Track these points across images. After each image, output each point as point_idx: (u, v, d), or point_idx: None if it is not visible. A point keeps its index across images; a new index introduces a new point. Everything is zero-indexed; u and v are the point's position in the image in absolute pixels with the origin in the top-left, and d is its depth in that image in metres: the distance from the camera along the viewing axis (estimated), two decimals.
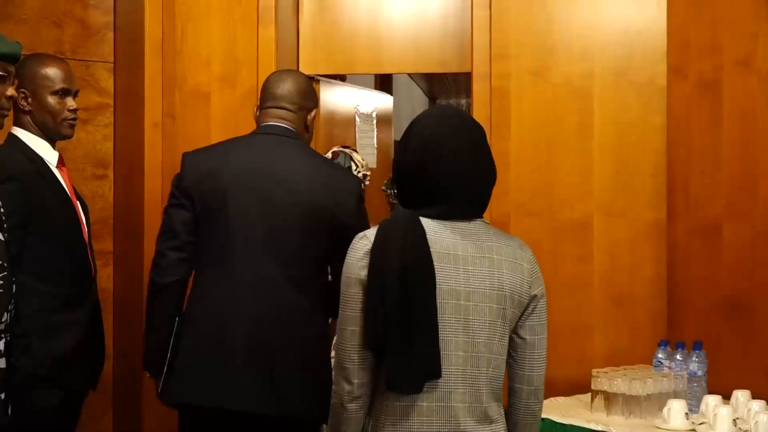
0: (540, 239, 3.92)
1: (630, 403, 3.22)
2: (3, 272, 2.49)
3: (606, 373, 3.34)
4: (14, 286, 2.54)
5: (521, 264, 2.22)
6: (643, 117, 3.89)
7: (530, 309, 2.22)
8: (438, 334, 2.10)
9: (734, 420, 3.01)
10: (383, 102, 5.38)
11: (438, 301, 2.12)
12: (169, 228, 3.05)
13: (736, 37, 3.61)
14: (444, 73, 6.74)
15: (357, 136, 4.99)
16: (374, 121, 5.12)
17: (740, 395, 3.22)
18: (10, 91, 2.59)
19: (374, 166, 5.25)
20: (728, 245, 3.61)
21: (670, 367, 3.36)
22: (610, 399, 3.27)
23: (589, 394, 3.38)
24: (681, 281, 3.78)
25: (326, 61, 4.52)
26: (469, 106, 4.23)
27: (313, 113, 3.17)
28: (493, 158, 2.32)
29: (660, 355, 3.41)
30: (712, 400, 3.13)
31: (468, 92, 4.34)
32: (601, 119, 3.92)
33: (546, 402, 3.49)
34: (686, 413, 3.09)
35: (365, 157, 4.77)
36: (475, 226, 2.24)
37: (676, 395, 3.24)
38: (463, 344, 2.14)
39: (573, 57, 3.94)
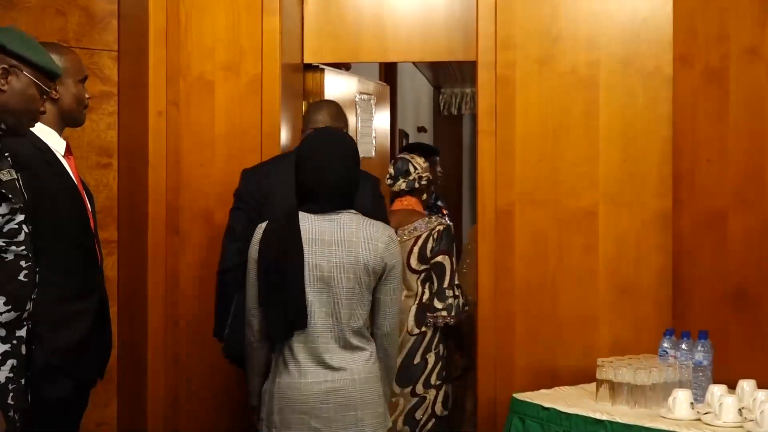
0: (545, 229, 3.91)
1: (635, 393, 3.21)
2: (28, 262, 2.58)
3: (611, 362, 3.34)
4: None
5: (376, 243, 2.95)
6: (649, 106, 3.88)
7: (384, 276, 2.97)
8: (305, 297, 2.90)
9: (740, 409, 3.00)
10: (383, 92, 5.39)
11: (306, 272, 2.90)
12: (230, 227, 3.75)
13: (742, 25, 3.59)
14: (449, 62, 6.72)
15: (357, 125, 5.00)
16: (373, 110, 5.13)
17: (746, 385, 3.21)
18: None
19: (372, 154, 5.25)
20: (734, 234, 3.59)
21: (675, 357, 3.35)
22: (615, 389, 3.26)
23: (595, 383, 3.38)
24: (687, 271, 3.77)
25: (331, 50, 4.51)
26: (474, 94, 4.22)
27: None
28: (358, 167, 3.03)
29: (665, 345, 3.40)
30: (717, 390, 3.13)
31: (473, 81, 4.33)
32: (607, 108, 3.91)
33: (551, 392, 3.52)
34: (691, 403, 3.09)
35: (364, 145, 4.79)
36: (341, 216, 2.97)
37: (681, 385, 3.23)
38: (326, 304, 2.92)
39: (579, 45, 3.92)
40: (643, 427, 3.01)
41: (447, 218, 5.02)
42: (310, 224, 2.94)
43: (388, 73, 7.40)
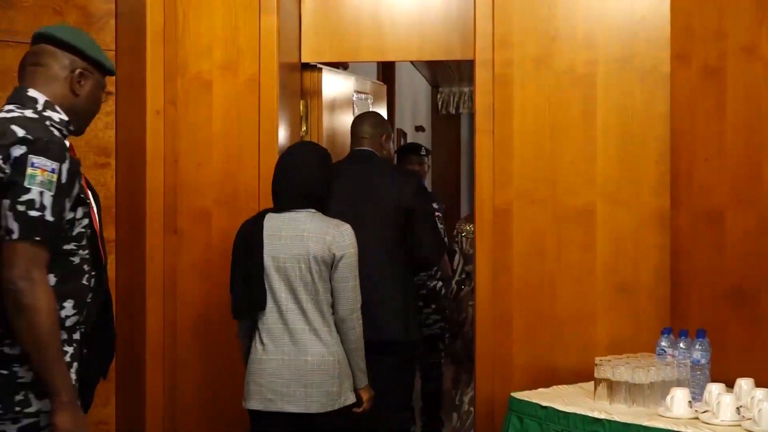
0: (543, 227, 3.91)
1: (633, 392, 3.21)
2: (89, 266, 2.64)
3: (609, 361, 3.34)
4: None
5: (326, 237, 3.38)
6: (646, 104, 3.88)
7: (335, 266, 3.39)
8: (263, 283, 3.38)
9: (737, 408, 3.00)
10: (379, 91, 5.40)
11: (266, 263, 3.38)
12: None
13: (740, 23, 3.59)
14: (447, 61, 6.71)
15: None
16: (370, 109, 5.13)
17: (744, 383, 3.21)
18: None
19: None
20: (732, 233, 3.60)
21: (673, 356, 3.35)
22: (613, 387, 3.26)
23: (593, 382, 3.38)
24: (685, 269, 3.77)
25: (329, 49, 4.51)
26: (472, 93, 4.22)
27: (383, 137, 4.39)
28: (325, 171, 3.50)
29: (663, 344, 3.40)
30: (715, 388, 3.12)
31: (471, 80, 4.33)
32: (604, 107, 3.91)
33: (549, 390, 3.52)
34: (689, 401, 3.09)
35: None
36: (300, 214, 3.43)
37: (679, 383, 3.23)
38: (285, 289, 3.38)
39: (576, 44, 3.92)
40: (641, 425, 3.01)
41: (439, 221, 5.06)
42: (272, 222, 3.42)
43: (386, 72, 7.40)
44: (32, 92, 2.63)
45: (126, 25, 4.20)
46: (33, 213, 2.41)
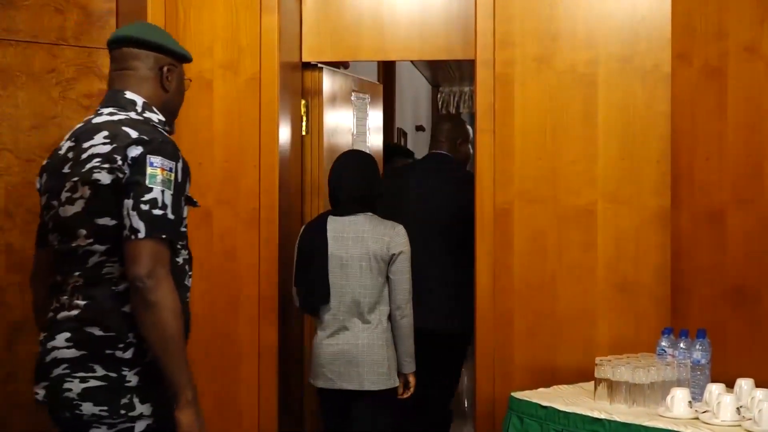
0: (544, 227, 3.91)
1: (633, 392, 3.21)
2: (188, 265, 2.71)
3: (609, 361, 3.34)
4: None
5: (384, 238, 3.84)
6: (647, 104, 3.88)
7: (392, 261, 3.84)
8: (327, 279, 3.84)
9: (738, 408, 3.00)
10: (377, 90, 5.41)
11: (329, 261, 3.84)
12: None
13: (741, 23, 3.58)
14: (447, 61, 6.71)
15: (353, 122, 5.02)
16: (368, 109, 5.15)
17: (744, 383, 3.21)
18: None
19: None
20: (733, 232, 3.59)
21: (673, 356, 3.35)
22: (613, 387, 3.26)
23: (593, 382, 3.38)
24: (685, 269, 3.77)
25: (330, 49, 4.51)
26: (473, 93, 4.22)
27: (458, 141, 4.88)
28: (376, 178, 3.99)
29: (663, 344, 3.40)
30: (715, 389, 3.12)
31: (471, 79, 4.33)
32: (605, 106, 3.91)
33: (549, 390, 3.52)
34: (689, 401, 3.09)
35: (359, 144, 4.88)
36: (358, 217, 3.89)
37: (679, 383, 3.23)
38: (346, 285, 3.83)
39: (577, 44, 3.92)
40: (642, 425, 3.00)
41: None
42: (335, 224, 3.88)
43: (387, 71, 7.40)
44: (129, 94, 2.67)
45: (127, 23, 4.20)
46: (157, 212, 2.44)
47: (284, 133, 4.19)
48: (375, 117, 5.32)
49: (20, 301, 3.90)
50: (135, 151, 2.48)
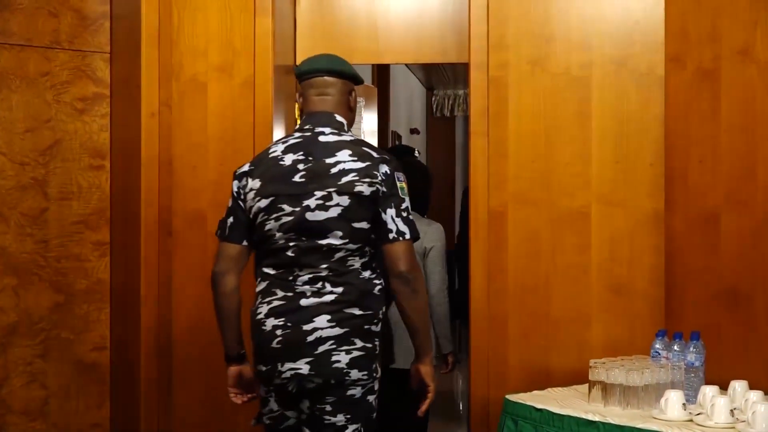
0: (538, 229, 3.92)
1: (627, 394, 3.22)
2: None
3: (604, 363, 3.34)
4: None
5: (423, 235, 4.10)
6: (641, 106, 3.88)
7: (426, 254, 4.38)
8: None
9: (731, 410, 3.01)
10: (371, 93, 5.42)
11: None
12: None
13: (735, 26, 3.59)
14: (441, 64, 6.72)
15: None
16: (362, 112, 5.16)
17: (738, 385, 3.21)
18: None
19: None
20: (727, 235, 3.60)
21: (667, 358, 3.35)
22: (607, 390, 3.27)
23: (587, 384, 3.38)
24: (680, 271, 3.77)
25: (324, 51, 4.49)
26: (467, 96, 4.22)
27: None
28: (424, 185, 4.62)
29: (657, 346, 3.41)
30: (709, 391, 3.13)
31: (466, 82, 4.33)
32: (599, 109, 3.91)
33: (544, 393, 3.52)
34: (683, 404, 3.09)
35: None
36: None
37: (673, 386, 3.23)
38: None
39: (571, 46, 3.93)
40: (636, 428, 3.01)
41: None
42: None
43: (381, 74, 7.40)
44: (339, 117, 3.20)
45: (121, 27, 4.20)
46: (411, 217, 3.10)
47: (278, 136, 4.19)
48: (369, 120, 5.33)
49: (14, 304, 3.90)
50: (384, 168, 3.07)
